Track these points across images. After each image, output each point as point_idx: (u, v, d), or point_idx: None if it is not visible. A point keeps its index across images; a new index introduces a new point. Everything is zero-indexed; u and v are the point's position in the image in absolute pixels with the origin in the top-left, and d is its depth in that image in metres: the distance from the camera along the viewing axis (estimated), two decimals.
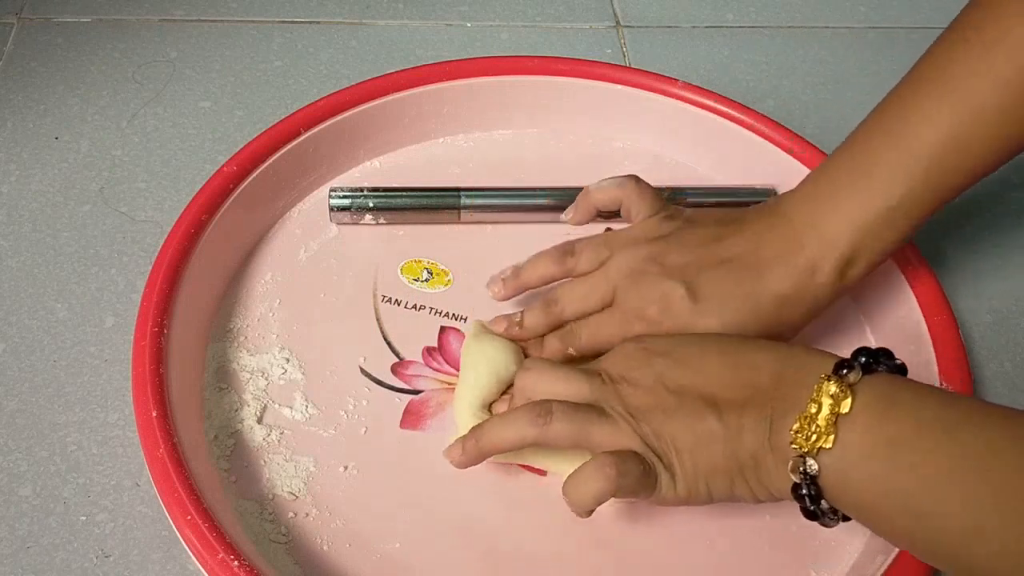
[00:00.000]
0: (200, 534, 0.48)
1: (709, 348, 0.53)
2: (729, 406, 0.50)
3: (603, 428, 0.51)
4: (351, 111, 0.68)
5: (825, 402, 0.46)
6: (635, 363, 0.53)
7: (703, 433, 0.50)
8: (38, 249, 0.66)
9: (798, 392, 0.48)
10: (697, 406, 0.50)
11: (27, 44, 0.79)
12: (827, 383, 0.46)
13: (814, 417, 0.46)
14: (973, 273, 0.71)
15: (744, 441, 0.49)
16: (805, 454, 0.46)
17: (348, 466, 0.57)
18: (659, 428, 0.50)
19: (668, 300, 0.57)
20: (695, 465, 0.50)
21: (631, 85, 0.73)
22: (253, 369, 0.60)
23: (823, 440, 0.46)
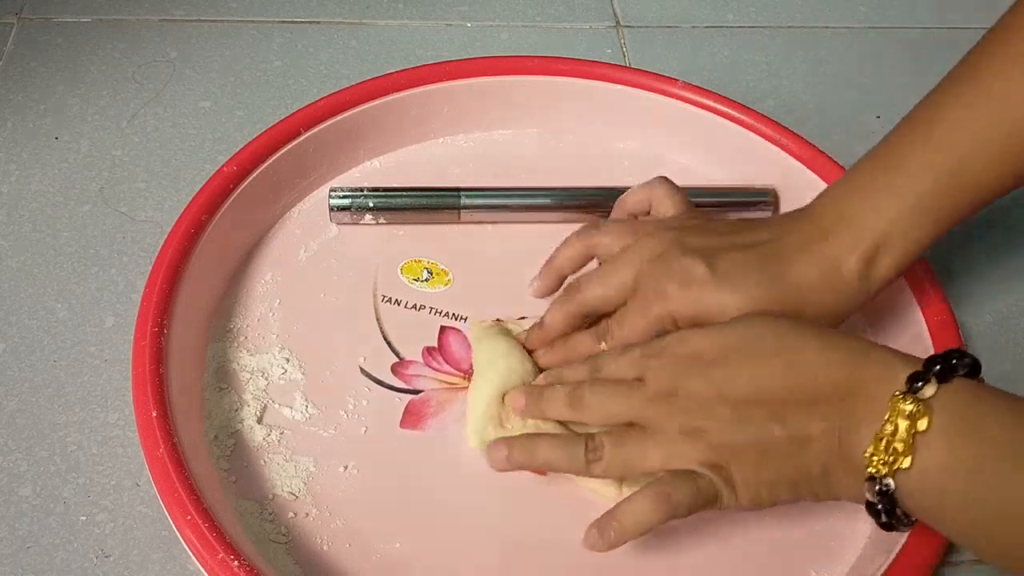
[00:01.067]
0: (200, 534, 0.48)
1: (763, 348, 0.50)
2: (794, 414, 0.48)
3: (657, 452, 0.50)
4: (351, 111, 0.68)
5: (901, 423, 0.45)
6: (685, 374, 0.51)
7: (766, 445, 0.48)
8: (38, 249, 0.66)
9: (869, 404, 0.46)
10: (759, 416, 0.49)
11: (27, 44, 0.79)
12: (902, 402, 0.45)
13: (891, 438, 0.45)
14: (974, 273, 0.71)
15: (812, 452, 0.48)
16: (883, 476, 0.45)
17: (348, 466, 0.57)
18: (718, 442, 0.49)
19: (688, 276, 0.55)
20: (758, 477, 0.49)
21: (631, 85, 0.73)
22: (253, 369, 0.60)
23: (900, 461, 0.45)
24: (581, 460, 0.51)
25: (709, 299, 0.55)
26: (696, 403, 0.50)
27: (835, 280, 0.56)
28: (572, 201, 0.68)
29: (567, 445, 0.52)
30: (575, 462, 0.51)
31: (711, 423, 0.49)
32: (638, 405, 0.51)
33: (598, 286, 0.58)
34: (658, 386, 0.51)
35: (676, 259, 0.56)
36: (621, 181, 0.71)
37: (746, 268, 0.55)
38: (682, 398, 0.50)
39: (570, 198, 0.68)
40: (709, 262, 0.55)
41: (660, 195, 0.62)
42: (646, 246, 0.58)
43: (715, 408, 0.49)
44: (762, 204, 0.70)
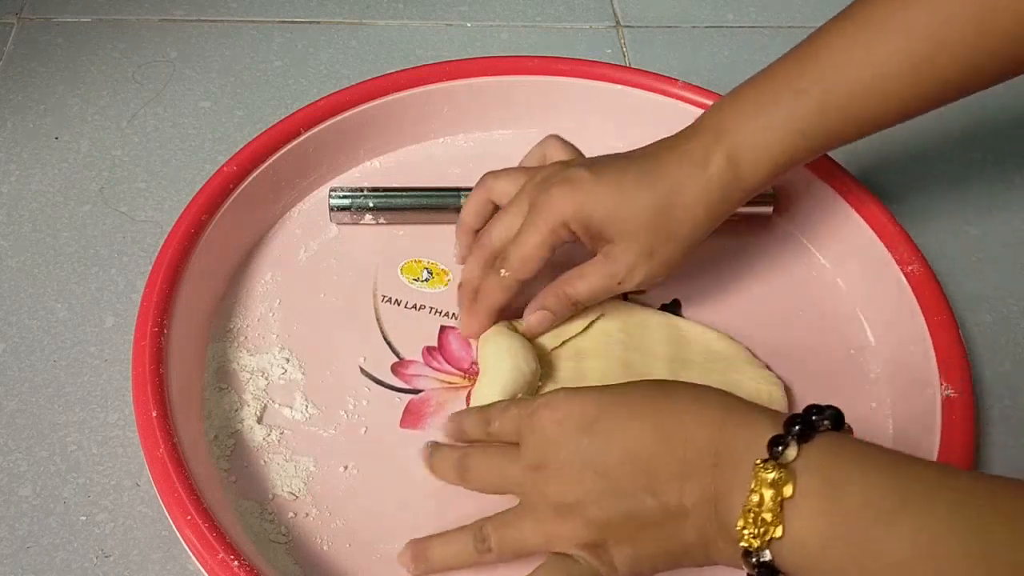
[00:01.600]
0: (200, 534, 0.48)
1: (639, 412, 0.49)
2: (667, 484, 0.47)
3: (536, 534, 0.50)
4: (351, 111, 0.68)
5: (766, 493, 0.43)
6: (555, 445, 0.49)
7: (643, 519, 0.47)
8: (38, 249, 0.66)
9: (737, 470, 0.45)
10: (631, 488, 0.47)
11: (27, 44, 0.79)
12: (763, 471, 0.44)
13: (757, 510, 0.44)
14: (973, 273, 0.71)
15: (689, 523, 0.47)
16: (757, 549, 0.44)
17: (348, 466, 0.57)
18: (592, 520, 0.48)
19: (571, 179, 0.58)
20: (636, 551, 0.48)
21: (631, 85, 0.73)
22: (253, 369, 0.60)
23: (772, 531, 0.43)
24: (473, 552, 0.51)
25: (593, 196, 0.57)
26: (567, 475, 0.49)
27: (702, 176, 0.58)
28: None
29: (458, 540, 0.52)
30: (468, 555, 0.51)
31: (583, 497, 0.48)
32: (513, 478, 0.51)
33: (500, 223, 0.60)
34: (530, 457, 0.50)
35: (560, 171, 0.59)
36: None
37: (623, 170, 0.58)
38: (553, 470, 0.49)
39: None
40: (589, 167, 0.58)
41: (553, 148, 0.64)
42: (536, 176, 0.60)
43: (586, 481, 0.48)
44: (762, 204, 0.70)
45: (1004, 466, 0.61)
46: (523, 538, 0.50)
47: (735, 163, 0.58)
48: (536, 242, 0.58)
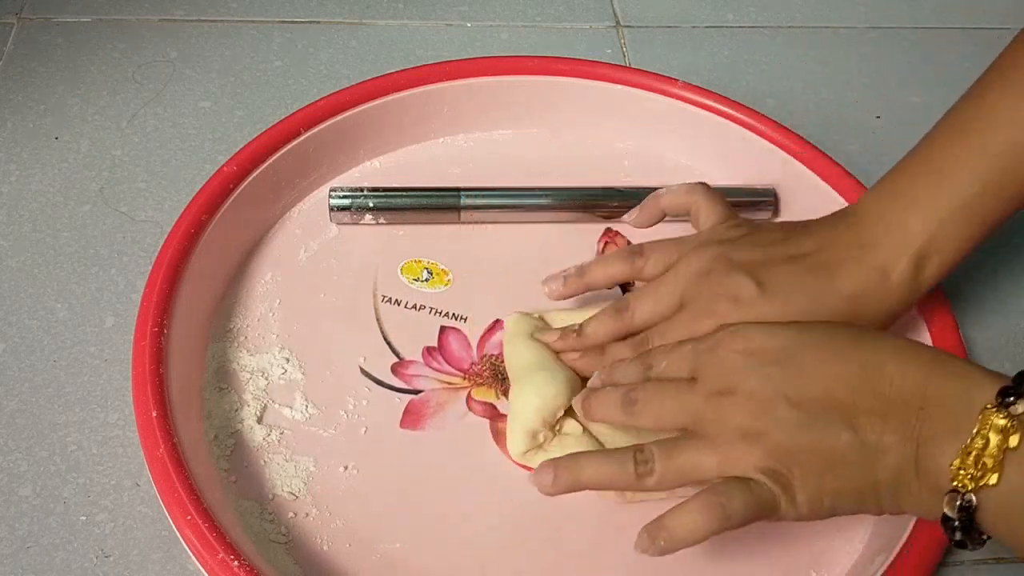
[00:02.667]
0: (200, 534, 0.48)
1: (837, 351, 0.48)
2: (867, 420, 0.46)
3: (712, 459, 0.48)
4: (351, 111, 0.68)
5: (993, 438, 0.43)
6: (744, 373, 0.48)
7: (835, 452, 0.46)
8: (38, 249, 0.66)
9: (952, 416, 0.44)
10: (827, 421, 0.46)
11: (27, 44, 0.79)
12: (994, 416, 0.43)
13: (980, 452, 0.43)
14: (973, 273, 0.71)
15: (885, 462, 0.46)
16: (966, 491, 0.43)
17: (348, 466, 0.57)
18: (778, 447, 0.46)
19: (737, 293, 0.54)
20: (821, 485, 0.46)
21: (631, 85, 0.73)
22: (253, 369, 0.60)
23: (988, 477, 0.43)
24: (631, 474, 0.49)
25: (759, 316, 0.54)
26: (756, 403, 0.47)
27: (884, 287, 0.55)
28: (572, 201, 0.68)
29: (615, 460, 0.49)
30: (624, 477, 0.49)
31: (772, 425, 0.47)
32: (692, 406, 0.49)
33: (648, 304, 0.57)
34: (713, 384, 0.49)
35: (724, 276, 0.55)
36: (621, 181, 0.71)
37: (794, 282, 0.55)
38: (740, 397, 0.48)
39: (570, 198, 0.68)
40: (757, 278, 0.55)
41: (701, 202, 0.61)
42: (692, 262, 0.57)
43: (777, 409, 0.47)
44: (762, 204, 0.70)
45: None
46: (696, 462, 0.48)
47: (920, 267, 0.55)
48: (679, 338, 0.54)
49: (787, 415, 0.47)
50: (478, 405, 0.60)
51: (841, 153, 0.70)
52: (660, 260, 0.58)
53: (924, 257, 0.55)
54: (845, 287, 0.55)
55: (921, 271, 0.55)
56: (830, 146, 0.70)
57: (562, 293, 0.61)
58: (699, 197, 0.61)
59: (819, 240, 0.57)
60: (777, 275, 0.55)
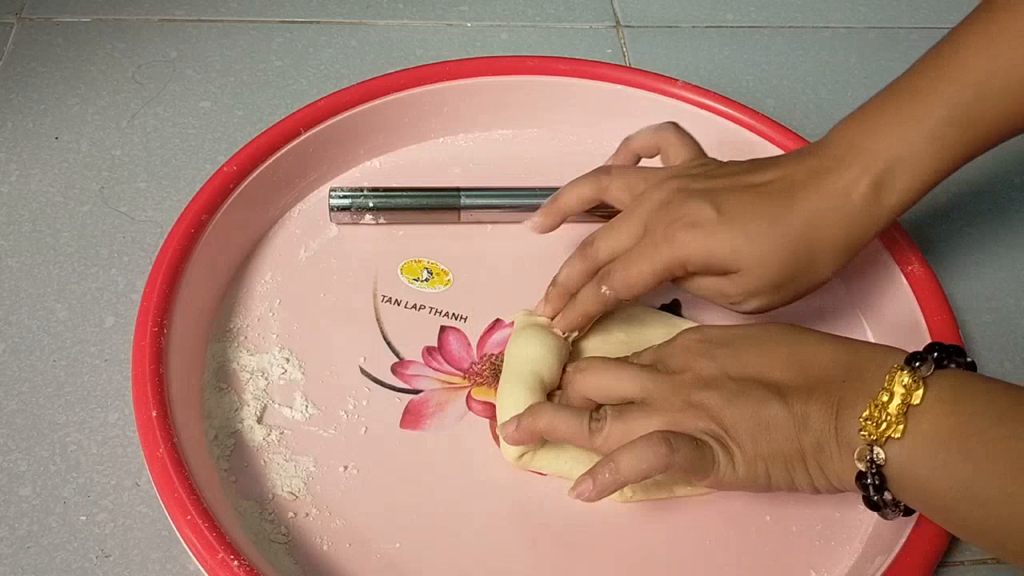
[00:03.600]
0: (200, 534, 0.48)
1: (773, 340, 0.54)
2: (795, 393, 0.50)
3: (659, 422, 0.51)
4: (351, 111, 0.68)
5: (897, 391, 0.47)
6: (695, 355, 0.54)
7: (766, 418, 0.50)
8: (38, 249, 0.66)
9: (868, 384, 0.48)
10: (761, 392, 0.51)
11: (27, 44, 0.79)
12: (900, 373, 0.47)
13: (885, 406, 0.47)
14: (974, 273, 0.71)
15: (809, 428, 0.50)
16: (873, 443, 0.47)
17: (348, 466, 0.57)
18: (719, 413, 0.51)
19: (695, 218, 0.55)
20: (756, 449, 0.51)
21: (631, 85, 0.73)
22: (253, 369, 0.60)
23: (892, 430, 0.46)
24: (584, 428, 0.53)
25: (718, 240, 0.55)
26: (700, 380, 0.52)
27: (845, 208, 0.56)
28: None
29: (572, 415, 0.53)
30: (579, 430, 0.53)
31: (715, 395, 0.51)
32: (644, 381, 0.54)
33: (611, 239, 0.59)
34: (668, 366, 0.54)
35: (683, 203, 0.56)
36: None
37: (754, 206, 0.56)
38: (691, 374, 0.53)
39: None
40: (716, 204, 0.55)
41: (670, 140, 0.62)
42: (655, 194, 0.58)
43: (718, 384, 0.52)
44: None
45: None
46: (644, 424, 0.51)
47: (880, 190, 0.55)
48: (647, 272, 0.56)
49: (727, 387, 0.52)
50: (478, 405, 0.60)
51: None
52: (625, 184, 0.60)
53: (885, 179, 0.55)
54: (803, 210, 0.55)
55: (883, 193, 0.55)
56: None
57: (543, 224, 0.62)
58: (669, 135, 0.63)
59: (782, 167, 0.58)
60: (736, 200, 0.56)
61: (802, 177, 0.56)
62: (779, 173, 0.57)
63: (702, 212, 0.55)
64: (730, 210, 0.55)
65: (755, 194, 0.56)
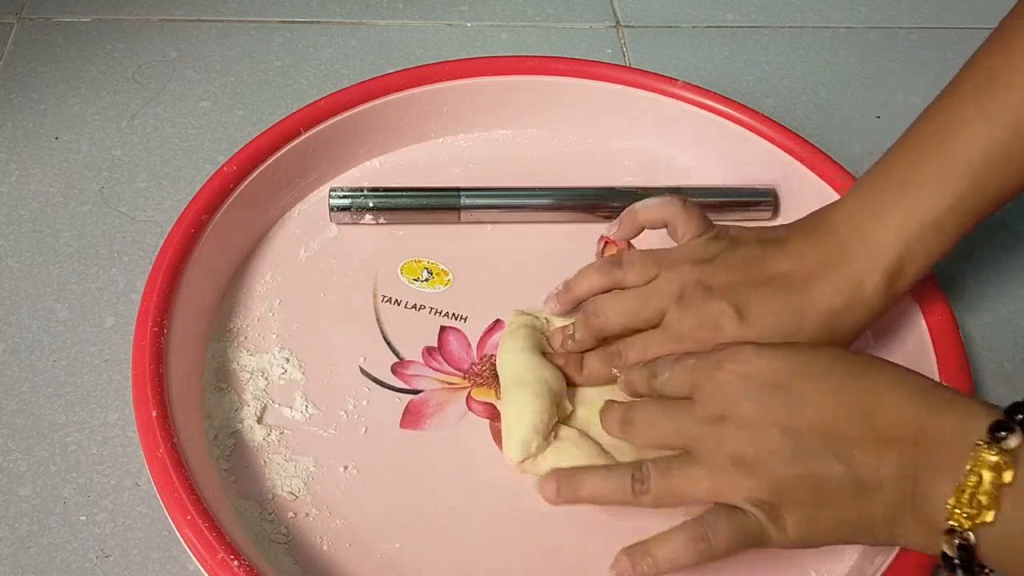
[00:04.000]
0: (200, 534, 0.48)
1: (825, 376, 0.48)
2: (862, 454, 0.45)
3: (705, 483, 0.48)
4: (351, 111, 0.68)
5: (985, 475, 0.42)
6: (740, 398, 0.48)
7: (829, 486, 0.46)
8: (38, 249, 0.66)
9: (947, 452, 0.44)
10: (821, 451, 0.46)
11: (27, 44, 0.79)
12: (986, 452, 0.43)
13: (974, 491, 0.42)
14: (974, 273, 0.71)
15: (879, 498, 0.45)
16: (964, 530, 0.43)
17: (348, 466, 0.57)
18: (770, 477, 0.47)
19: (717, 321, 0.55)
20: (814, 518, 0.47)
21: (631, 85, 0.73)
22: (253, 369, 0.60)
23: (984, 515, 0.42)
24: (628, 491, 0.50)
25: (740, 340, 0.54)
26: (750, 431, 0.47)
27: (859, 299, 0.56)
28: (572, 201, 0.68)
29: (613, 476, 0.51)
30: (622, 493, 0.50)
31: (765, 455, 0.47)
32: (687, 428, 0.50)
33: (625, 317, 0.58)
34: (707, 408, 0.49)
35: (702, 303, 0.56)
36: (621, 181, 0.71)
37: (772, 304, 0.56)
38: (733, 423, 0.48)
39: (570, 198, 0.68)
40: (736, 304, 0.55)
41: (678, 216, 0.61)
42: (671, 281, 0.58)
43: (772, 438, 0.47)
44: (762, 204, 0.70)
45: None
46: (690, 485, 0.48)
47: (891, 280, 0.56)
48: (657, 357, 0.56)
49: (780, 445, 0.47)
50: (478, 405, 0.60)
51: (841, 153, 0.70)
52: (639, 273, 0.59)
53: (897, 270, 0.56)
54: (822, 303, 0.56)
55: (895, 282, 0.56)
56: (830, 146, 0.70)
57: (560, 310, 0.62)
58: (676, 210, 0.61)
59: (794, 258, 0.57)
60: (755, 299, 0.56)
61: (816, 269, 0.56)
62: (794, 264, 0.57)
63: (724, 316, 0.55)
64: (751, 313, 0.55)
65: (772, 288, 0.56)
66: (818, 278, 0.56)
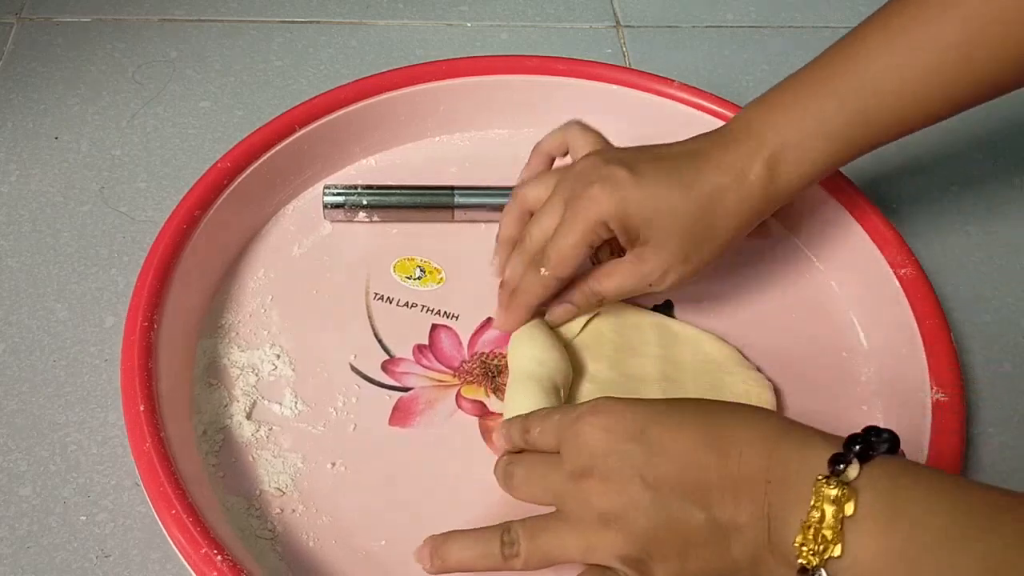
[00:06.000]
0: (184, 529, 0.49)
1: (685, 423, 0.47)
2: (719, 499, 0.46)
3: (575, 542, 0.48)
4: (346, 109, 0.69)
5: (828, 509, 0.42)
6: (601, 453, 0.48)
7: (691, 534, 0.46)
8: (38, 249, 0.67)
9: (795, 489, 0.44)
10: (682, 503, 0.46)
11: (27, 44, 0.80)
12: (825, 486, 0.43)
13: (818, 526, 0.42)
14: (973, 273, 0.70)
15: (740, 542, 0.45)
16: (815, 567, 0.43)
17: (336, 463, 0.57)
18: (637, 532, 0.46)
19: (611, 178, 0.57)
20: (681, 569, 0.46)
21: (627, 85, 0.73)
22: (243, 365, 0.60)
23: (831, 549, 0.42)
24: (497, 556, 0.49)
25: (633, 197, 0.57)
26: (613, 485, 0.47)
27: (741, 184, 0.58)
28: None
29: (482, 541, 0.50)
30: (492, 558, 0.49)
31: (630, 509, 0.46)
32: (555, 486, 0.49)
33: (538, 226, 0.60)
34: (573, 463, 0.49)
35: (597, 168, 0.58)
36: None
37: (663, 171, 0.58)
38: (598, 479, 0.47)
39: None
40: (628, 166, 0.58)
41: (576, 135, 0.64)
42: (570, 172, 0.60)
43: (633, 491, 0.46)
44: None
45: (1003, 467, 0.61)
46: (560, 545, 0.48)
47: (773, 171, 0.58)
48: (574, 240, 0.58)
49: (643, 497, 0.46)
50: (467, 403, 0.60)
51: None
52: (543, 185, 0.62)
53: (775, 161, 0.58)
54: (706, 181, 0.58)
55: (775, 174, 0.59)
56: None
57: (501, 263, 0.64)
58: (574, 133, 0.64)
59: (689, 143, 0.60)
60: (647, 165, 0.58)
61: (705, 151, 0.59)
62: (686, 147, 0.60)
63: (616, 172, 0.58)
64: (642, 172, 0.58)
65: (664, 161, 0.59)
66: (704, 158, 0.59)
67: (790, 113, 0.59)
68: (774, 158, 0.58)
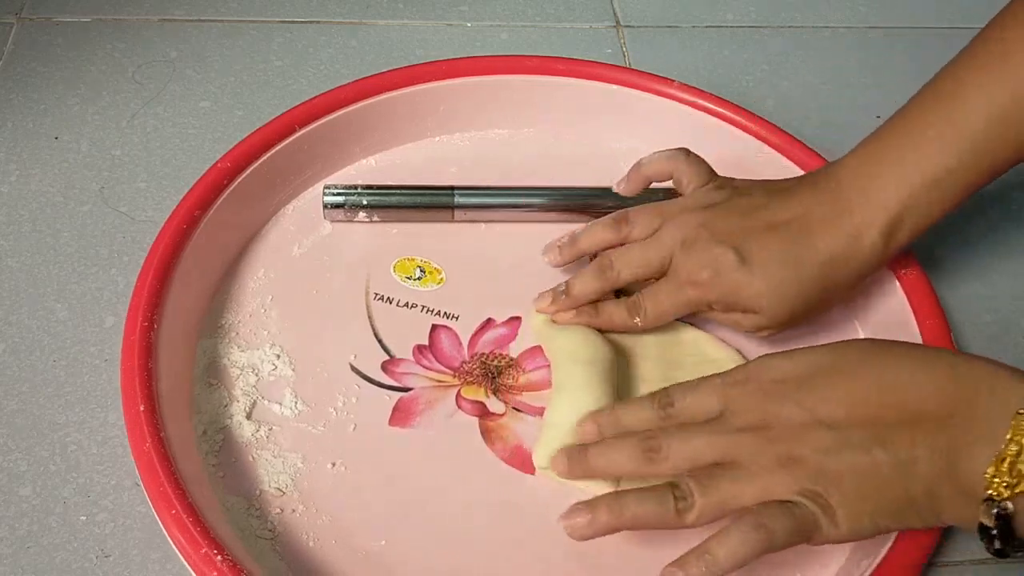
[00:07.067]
0: (184, 529, 0.49)
1: (857, 367, 0.49)
2: (896, 436, 0.46)
3: (752, 488, 0.48)
4: (346, 109, 0.69)
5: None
6: (776, 401, 0.49)
7: (869, 470, 0.46)
8: (38, 249, 0.67)
9: (986, 423, 0.44)
10: (860, 440, 0.47)
11: (27, 44, 0.80)
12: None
13: (1014, 460, 0.43)
14: (973, 273, 0.70)
15: (917, 475, 0.46)
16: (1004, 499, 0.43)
17: (336, 463, 0.57)
18: (818, 470, 0.47)
19: (718, 264, 0.57)
20: (861, 505, 0.47)
21: (627, 85, 0.73)
22: (243, 365, 0.60)
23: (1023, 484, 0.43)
24: (671, 511, 0.48)
25: (740, 284, 0.57)
26: (790, 431, 0.48)
27: (856, 251, 0.58)
28: (567, 201, 0.68)
29: (653, 498, 0.49)
30: (665, 514, 0.49)
31: (808, 450, 0.47)
32: (726, 442, 0.49)
33: (632, 265, 0.60)
34: (746, 418, 0.50)
35: (706, 247, 0.58)
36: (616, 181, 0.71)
37: (773, 251, 0.57)
38: (775, 427, 0.49)
39: (565, 198, 0.68)
40: (738, 249, 0.57)
41: (683, 167, 0.63)
42: (676, 229, 0.60)
43: (811, 434, 0.48)
44: None
45: None
46: (736, 494, 0.48)
47: (890, 238, 0.58)
48: (674, 309, 0.60)
49: (823, 440, 0.47)
50: (467, 404, 0.60)
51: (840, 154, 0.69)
52: (645, 225, 0.61)
53: (895, 225, 0.58)
54: (821, 252, 0.58)
55: (891, 238, 0.58)
56: (830, 147, 0.70)
57: (560, 261, 0.64)
58: (680, 163, 0.63)
59: (798, 207, 0.59)
60: (757, 244, 0.58)
61: (817, 219, 0.58)
62: (796, 212, 0.59)
63: (726, 259, 0.57)
64: (752, 257, 0.57)
65: (775, 236, 0.58)
66: (818, 228, 0.58)
67: (900, 171, 0.57)
68: (893, 221, 0.57)
